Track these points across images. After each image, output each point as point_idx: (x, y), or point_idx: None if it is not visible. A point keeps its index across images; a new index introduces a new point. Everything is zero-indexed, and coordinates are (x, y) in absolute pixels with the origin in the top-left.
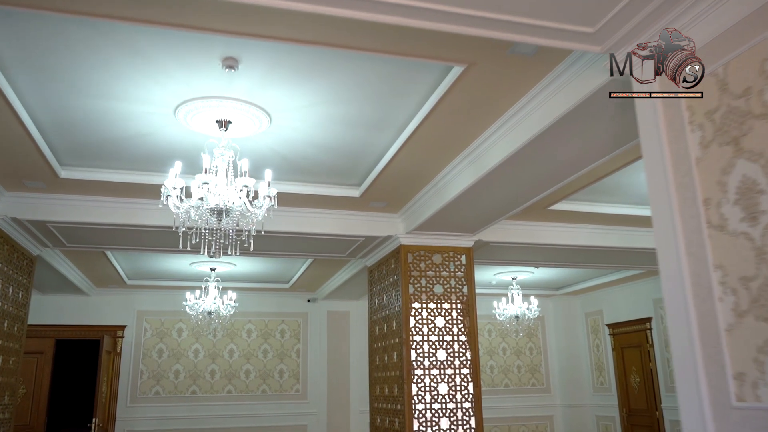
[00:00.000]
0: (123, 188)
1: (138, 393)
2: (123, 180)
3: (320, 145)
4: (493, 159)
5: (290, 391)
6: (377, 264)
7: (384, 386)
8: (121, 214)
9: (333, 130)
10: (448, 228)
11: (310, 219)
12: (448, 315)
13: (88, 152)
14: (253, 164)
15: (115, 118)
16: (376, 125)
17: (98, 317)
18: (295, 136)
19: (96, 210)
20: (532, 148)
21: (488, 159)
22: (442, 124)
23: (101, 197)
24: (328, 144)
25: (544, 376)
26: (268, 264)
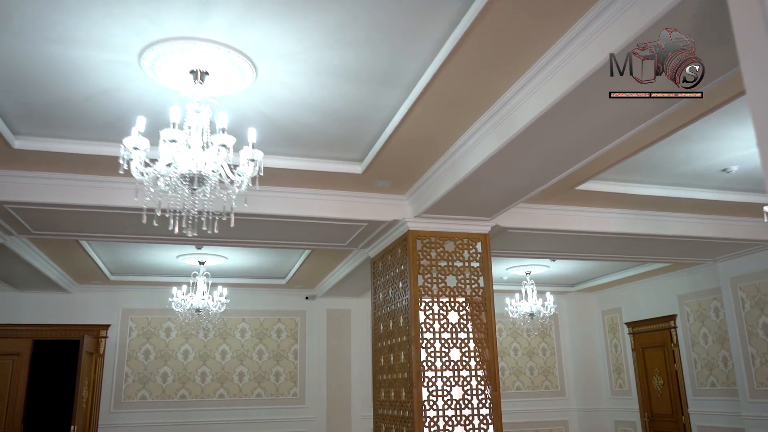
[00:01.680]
0: (90, 162)
1: (123, 397)
2: (89, 152)
3: (315, 107)
4: (522, 119)
5: (287, 395)
6: (381, 254)
7: (390, 390)
8: (92, 194)
9: (330, 85)
10: (462, 211)
11: (306, 201)
12: (462, 310)
13: (44, 117)
14: (238, 130)
15: (70, 70)
16: (381, 79)
17: (80, 316)
18: (285, 94)
19: (61, 189)
20: (570, 104)
21: (516, 120)
22: (462, 76)
23: (67, 174)
24: (324, 105)
25: (558, 378)
26: (262, 257)
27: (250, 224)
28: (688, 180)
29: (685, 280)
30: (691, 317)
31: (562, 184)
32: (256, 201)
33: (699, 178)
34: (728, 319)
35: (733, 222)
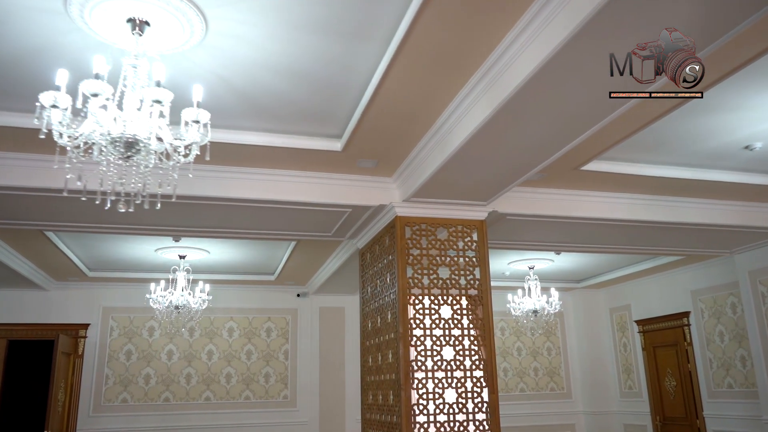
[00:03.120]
0: (26, 138)
1: (102, 401)
2: (25, 125)
3: (281, 68)
4: (516, 78)
5: (277, 398)
6: (369, 244)
7: (378, 393)
8: (28, 174)
9: (295, 40)
10: (455, 194)
11: (283, 183)
12: (456, 304)
13: None
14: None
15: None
16: (353, 32)
17: (58, 314)
18: (244, 52)
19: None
20: (571, 56)
21: (508, 80)
22: (445, 24)
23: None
24: (291, 66)
25: (564, 379)
26: (246, 250)
27: (221, 210)
28: (704, 159)
29: (700, 274)
30: (705, 314)
31: (565, 164)
32: (227, 184)
33: (717, 157)
34: (747, 316)
35: (754, 208)
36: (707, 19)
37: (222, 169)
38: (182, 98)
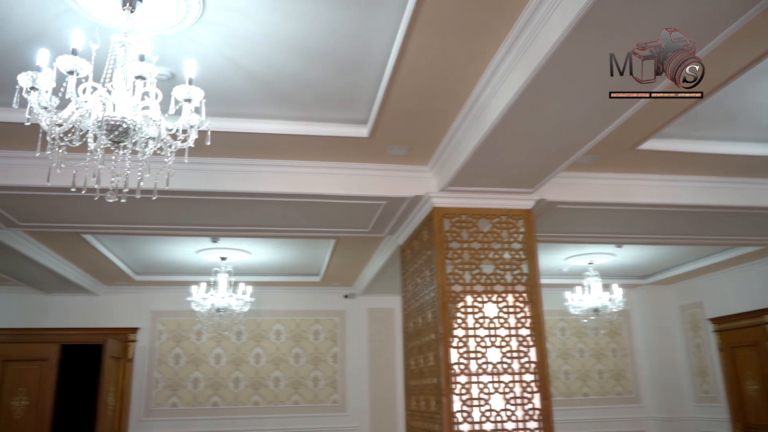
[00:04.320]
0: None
1: (152, 405)
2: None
3: (293, 46)
4: (554, 33)
5: (326, 402)
6: (409, 239)
7: (420, 398)
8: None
9: (302, 11)
10: (497, 181)
11: (312, 176)
12: (501, 301)
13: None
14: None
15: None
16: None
17: (108, 319)
18: (248, 27)
19: (20, 169)
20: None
21: (545, 37)
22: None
23: (20, 151)
24: (303, 43)
25: (631, 382)
26: (287, 251)
27: (251, 207)
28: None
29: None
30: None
31: (618, 144)
32: (252, 178)
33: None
34: None
35: None
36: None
37: (245, 162)
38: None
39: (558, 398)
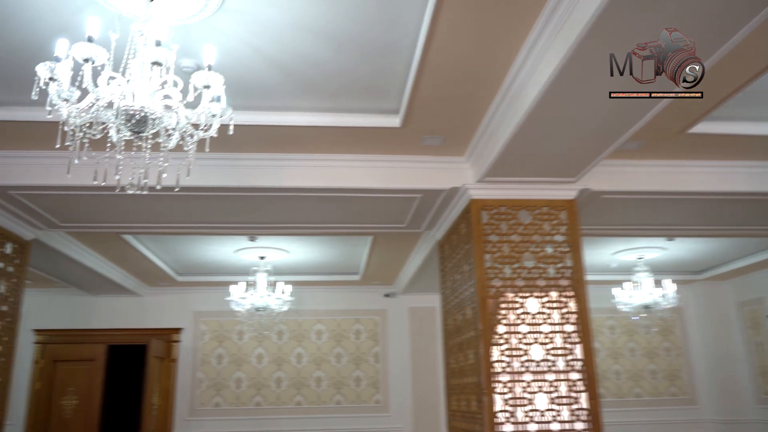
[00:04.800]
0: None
1: (197, 404)
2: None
3: (316, 31)
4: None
5: (369, 402)
6: (447, 234)
7: (461, 398)
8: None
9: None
10: (537, 170)
11: (342, 169)
12: (544, 296)
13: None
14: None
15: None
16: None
17: (152, 319)
18: (270, 13)
19: (57, 168)
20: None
21: (587, 3)
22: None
23: (55, 151)
24: (328, 27)
25: (687, 383)
26: (325, 249)
27: (283, 202)
28: None
29: None
30: None
31: (667, 127)
32: (283, 173)
33: None
34: None
35: None
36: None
37: (276, 156)
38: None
39: (608, 399)
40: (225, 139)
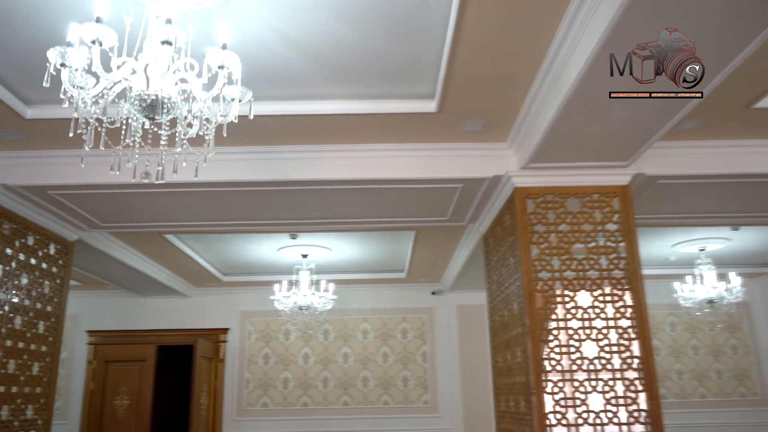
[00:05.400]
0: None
1: (244, 405)
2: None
3: (343, 12)
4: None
5: (417, 403)
6: (491, 226)
7: (509, 398)
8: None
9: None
10: (585, 154)
11: (379, 159)
12: (596, 289)
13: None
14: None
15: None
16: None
17: (200, 320)
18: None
19: (92, 167)
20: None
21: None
22: None
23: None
24: (354, 8)
25: (756, 383)
26: (369, 247)
27: (319, 196)
28: None
29: None
30: None
31: (730, 102)
32: (317, 165)
33: None
34: None
35: None
36: None
37: (310, 148)
38: (247, 68)
39: (670, 399)
40: (257, 132)
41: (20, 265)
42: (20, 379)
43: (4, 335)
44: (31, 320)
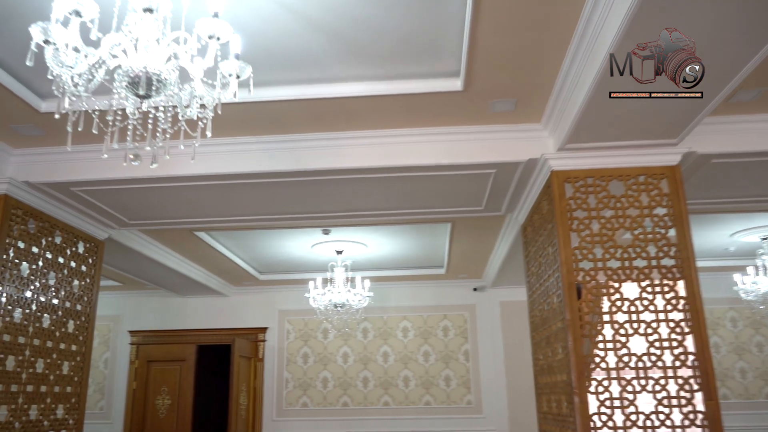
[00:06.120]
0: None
1: (284, 405)
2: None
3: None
4: None
5: (461, 403)
6: (530, 215)
7: (551, 398)
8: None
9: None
10: (628, 132)
11: (404, 145)
12: (644, 279)
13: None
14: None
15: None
16: None
17: (239, 319)
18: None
19: (112, 162)
20: None
21: None
22: None
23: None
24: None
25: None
26: (405, 241)
27: (345, 186)
28: None
29: None
30: None
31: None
32: (339, 153)
33: None
34: None
35: None
36: None
37: (331, 135)
38: (260, 48)
39: (732, 400)
40: (273, 120)
41: (47, 263)
42: (50, 379)
43: (32, 334)
44: (60, 319)
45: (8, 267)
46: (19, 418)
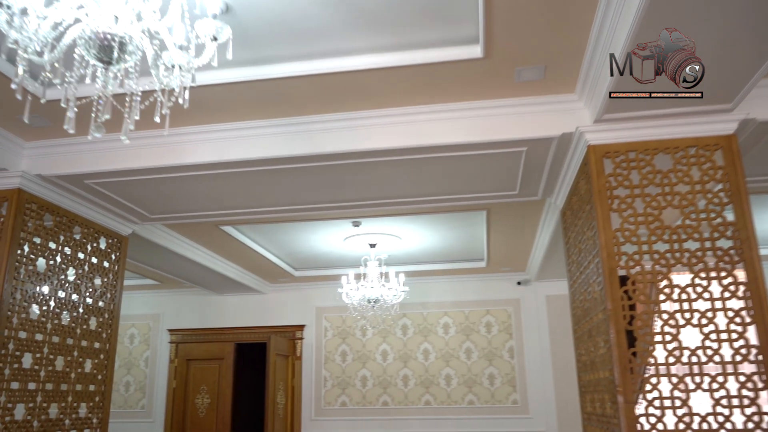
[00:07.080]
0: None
1: (323, 404)
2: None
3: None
4: None
5: (506, 402)
6: (568, 198)
7: (594, 397)
8: (165, 152)
9: None
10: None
11: (427, 123)
12: (697, 263)
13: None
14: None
15: None
16: None
17: (276, 317)
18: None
19: (128, 151)
20: None
21: None
22: None
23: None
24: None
25: None
26: (441, 232)
27: (367, 171)
28: None
29: None
30: None
31: None
32: (356, 134)
33: None
34: None
35: None
36: None
37: (346, 116)
38: (264, 21)
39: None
40: (285, 100)
41: (66, 259)
42: (71, 377)
43: (50, 331)
44: (81, 316)
45: (23, 263)
46: (38, 416)
